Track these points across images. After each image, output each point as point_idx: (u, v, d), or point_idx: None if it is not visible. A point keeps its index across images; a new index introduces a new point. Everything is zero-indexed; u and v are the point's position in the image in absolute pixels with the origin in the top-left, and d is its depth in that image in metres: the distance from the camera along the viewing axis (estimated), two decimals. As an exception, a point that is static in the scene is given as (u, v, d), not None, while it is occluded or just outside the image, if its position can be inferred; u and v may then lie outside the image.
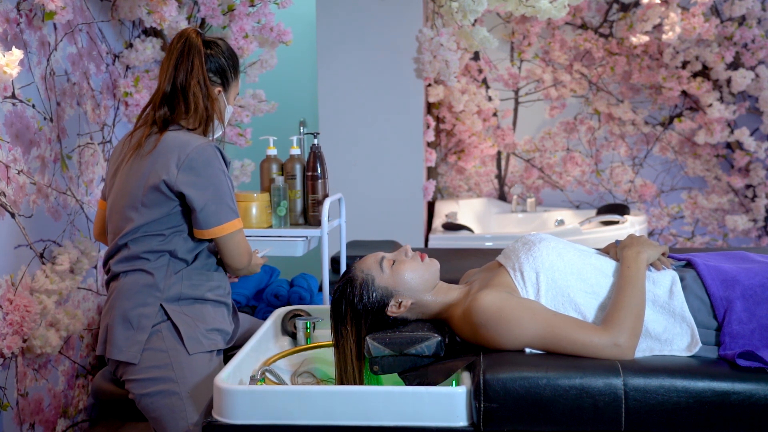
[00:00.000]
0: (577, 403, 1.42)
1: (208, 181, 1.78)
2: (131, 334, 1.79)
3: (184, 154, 1.77)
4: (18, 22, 2.25)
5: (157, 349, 1.79)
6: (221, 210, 1.80)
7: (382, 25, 3.87)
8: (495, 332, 1.56)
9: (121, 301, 1.81)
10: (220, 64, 1.92)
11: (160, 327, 1.80)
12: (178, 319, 1.80)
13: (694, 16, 4.05)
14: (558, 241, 1.72)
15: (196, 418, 1.76)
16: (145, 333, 1.78)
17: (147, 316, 1.79)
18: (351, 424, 1.45)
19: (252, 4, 2.90)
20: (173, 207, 1.81)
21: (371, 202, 3.94)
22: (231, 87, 1.96)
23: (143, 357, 1.79)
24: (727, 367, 1.47)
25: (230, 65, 1.94)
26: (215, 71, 1.91)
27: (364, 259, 1.73)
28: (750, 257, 1.74)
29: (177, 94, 1.85)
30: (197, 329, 1.82)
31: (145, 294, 1.80)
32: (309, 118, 4.37)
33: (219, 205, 1.80)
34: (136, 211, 1.81)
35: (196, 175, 1.77)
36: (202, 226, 1.80)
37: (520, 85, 4.65)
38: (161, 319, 1.80)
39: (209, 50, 1.90)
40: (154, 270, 1.81)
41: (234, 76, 1.96)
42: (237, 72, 1.97)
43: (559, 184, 4.70)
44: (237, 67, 1.97)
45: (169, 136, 1.82)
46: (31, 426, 2.36)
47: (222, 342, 1.87)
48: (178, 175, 1.76)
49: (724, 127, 4.35)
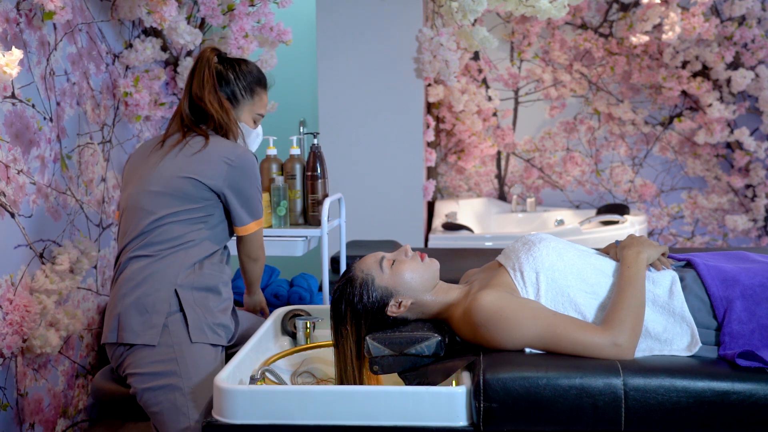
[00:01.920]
0: (577, 403, 1.41)
1: (251, 183, 1.95)
2: (147, 318, 1.82)
3: (234, 155, 1.91)
4: (18, 21, 2.25)
5: (162, 343, 1.81)
6: (257, 208, 2.00)
7: (382, 25, 3.87)
8: (495, 332, 1.56)
9: (135, 287, 1.84)
10: (227, 81, 2.02)
11: (168, 320, 1.82)
12: (189, 308, 1.84)
13: (694, 16, 4.05)
14: (558, 241, 1.72)
15: (197, 416, 1.77)
16: (161, 316, 1.82)
17: (162, 301, 1.83)
18: (351, 424, 1.45)
19: (252, 3, 2.90)
20: (205, 203, 1.91)
21: (371, 202, 3.94)
22: (242, 105, 2.06)
23: (148, 352, 1.80)
24: (727, 367, 1.47)
25: (242, 84, 2.03)
26: (223, 87, 2.02)
27: (363, 259, 1.73)
28: (750, 257, 1.74)
29: (196, 105, 1.99)
30: (204, 321, 1.85)
31: (160, 281, 1.84)
32: (309, 118, 4.37)
33: (256, 204, 1.99)
34: (165, 201, 1.88)
35: (242, 177, 1.93)
36: (244, 221, 1.97)
37: (520, 85, 4.65)
38: (174, 308, 1.83)
39: (222, 66, 2.03)
40: (171, 258, 1.85)
41: (245, 95, 2.05)
42: (251, 92, 2.06)
43: (559, 184, 4.70)
44: (252, 87, 2.06)
45: (216, 139, 1.95)
46: (30, 426, 2.36)
47: (225, 339, 1.90)
48: (227, 174, 1.90)
49: (724, 127, 4.35)
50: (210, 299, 1.89)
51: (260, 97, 2.09)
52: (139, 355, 1.82)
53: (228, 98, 2.02)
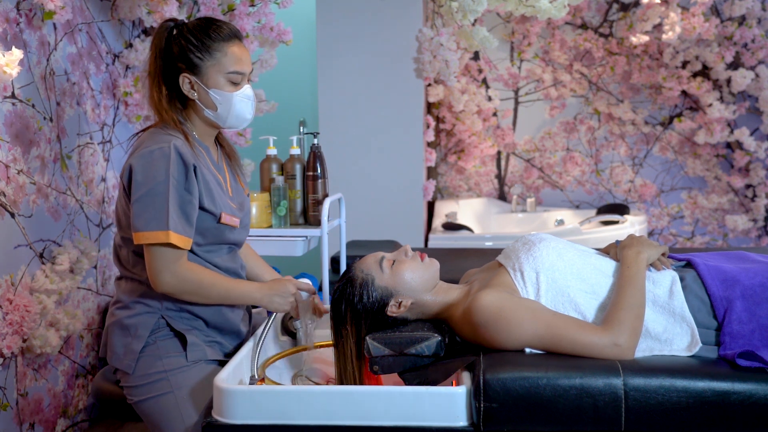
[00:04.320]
0: (577, 403, 1.41)
1: (144, 185, 1.67)
2: (128, 342, 1.77)
3: (134, 153, 1.72)
4: (18, 21, 2.25)
5: (154, 356, 1.76)
6: (148, 216, 1.67)
7: (382, 25, 3.87)
8: (495, 332, 1.56)
9: (120, 308, 1.80)
10: (181, 47, 1.73)
11: (158, 336, 1.77)
12: (180, 326, 1.77)
13: (694, 16, 4.05)
14: (558, 241, 1.72)
15: (193, 421, 1.74)
16: (140, 342, 1.75)
17: (144, 325, 1.76)
18: (351, 424, 1.45)
19: (252, 3, 2.90)
20: None
21: (371, 202, 3.94)
22: (205, 70, 1.74)
23: (139, 366, 1.76)
24: (727, 367, 1.47)
25: (192, 45, 1.73)
26: (179, 57, 1.74)
27: (363, 259, 1.73)
28: (750, 257, 1.74)
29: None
30: (198, 338, 1.79)
31: (145, 303, 1.78)
32: (309, 118, 4.38)
33: (148, 211, 1.67)
34: (121, 211, 1.79)
35: (133, 177, 1.68)
36: (135, 227, 1.69)
37: (520, 85, 4.65)
38: (161, 327, 1.77)
39: (171, 35, 1.75)
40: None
41: (202, 55, 1.73)
42: (206, 49, 1.73)
43: (559, 184, 4.70)
44: (204, 42, 1.73)
45: (142, 135, 1.79)
46: (30, 426, 2.36)
47: (221, 354, 1.84)
48: (122, 174, 1.73)
49: (724, 127, 4.35)
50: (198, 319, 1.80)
51: (222, 51, 1.74)
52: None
53: (189, 69, 1.74)
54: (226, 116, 1.79)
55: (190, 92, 1.77)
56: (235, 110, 1.78)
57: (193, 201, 1.71)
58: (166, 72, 1.77)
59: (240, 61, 1.76)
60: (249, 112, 1.82)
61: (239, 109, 1.79)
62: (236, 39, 1.77)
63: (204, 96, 1.76)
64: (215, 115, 1.79)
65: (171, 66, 1.76)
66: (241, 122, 1.82)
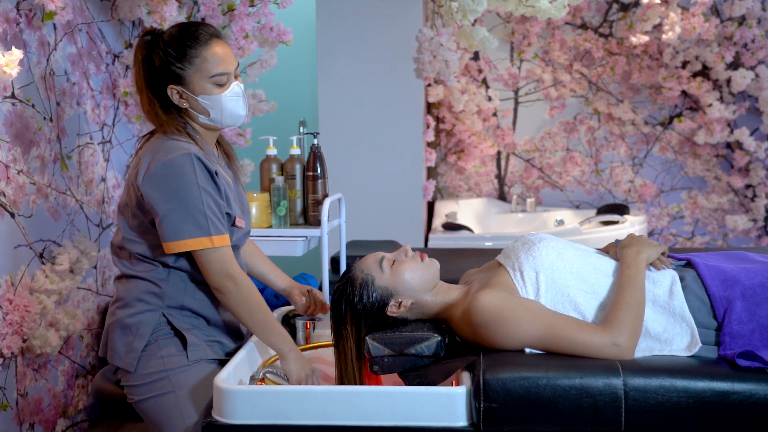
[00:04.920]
0: (577, 403, 1.41)
1: (173, 193, 1.67)
2: (129, 341, 1.77)
3: (152, 162, 1.71)
4: (18, 21, 2.25)
5: (155, 356, 1.76)
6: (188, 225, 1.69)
7: (382, 25, 3.87)
8: (495, 332, 1.56)
9: (121, 307, 1.80)
10: (162, 61, 1.73)
11: (159, 334, 1.77)
12: (181, 325, 1.77)
13: (694, 16, 4.05)
14: (558, 241, 1.72)
15: (194, 421, 1.74)
16: (142, 341, 1.75)
17: (146, 324, 1.76)
18: (351, 424, 1.45)
19: (252, 4, 2.90)
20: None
21: (371, 202, 3.94)
22: (190, 78, 1.73)
23: (140, 364, 1.76)
24: (727, 367, 1.47)
25: (171, 57, 1.71)
26: (163, 70, 1.73)
27: (363, 259, 1.73)
28: (750, 257, 1.74)
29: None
30: (198, 337, 1.79)
31: (146, 301, 1.77)
32: (309, 118, 4.37)
33: (186, 220, 1.68)
34: (128, 213, 1.79)
35: (158, 187, 1.68)
36: (162, 238, 1.71)
37: (520, 85, 4.65)
38: (162, 326, 1.77)
39: (150, 50, 1.74)
40: (157, 279, 1.77)
41: (183, 65, 1.72)
42: (186, 58, 1.72)
43: (559, 184, 4.70)
44: (183, 51, 1.72)
45: (150, 142, 1.79)
46: (30, 426, 2.36)
47: (222, 353, 1.84)
48: (143, 183, 1.71)
49: (724, 127, 4.35)
50: (200, 319, 1.81)
51: (201, 57, 1.72)
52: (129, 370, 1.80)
53: (174, 81, 1.74)
54: (220, 118, 1.79)
55: (181, 102, 1.77)
56: (227, 110, 1.78)
57: (222, 205, 1.75)
58: (154, 85, 1.77)
59: (221, 62, 1.75)
60: (242, 108, 1.81)
61: (231, 108, 1.78)
62: (214, 39, 1.75)
63: (194, 103, 1.76)
64: (209, 119, 1.79)
65: (157, 79, 1.76)
66: (236, 120, 1.82)
